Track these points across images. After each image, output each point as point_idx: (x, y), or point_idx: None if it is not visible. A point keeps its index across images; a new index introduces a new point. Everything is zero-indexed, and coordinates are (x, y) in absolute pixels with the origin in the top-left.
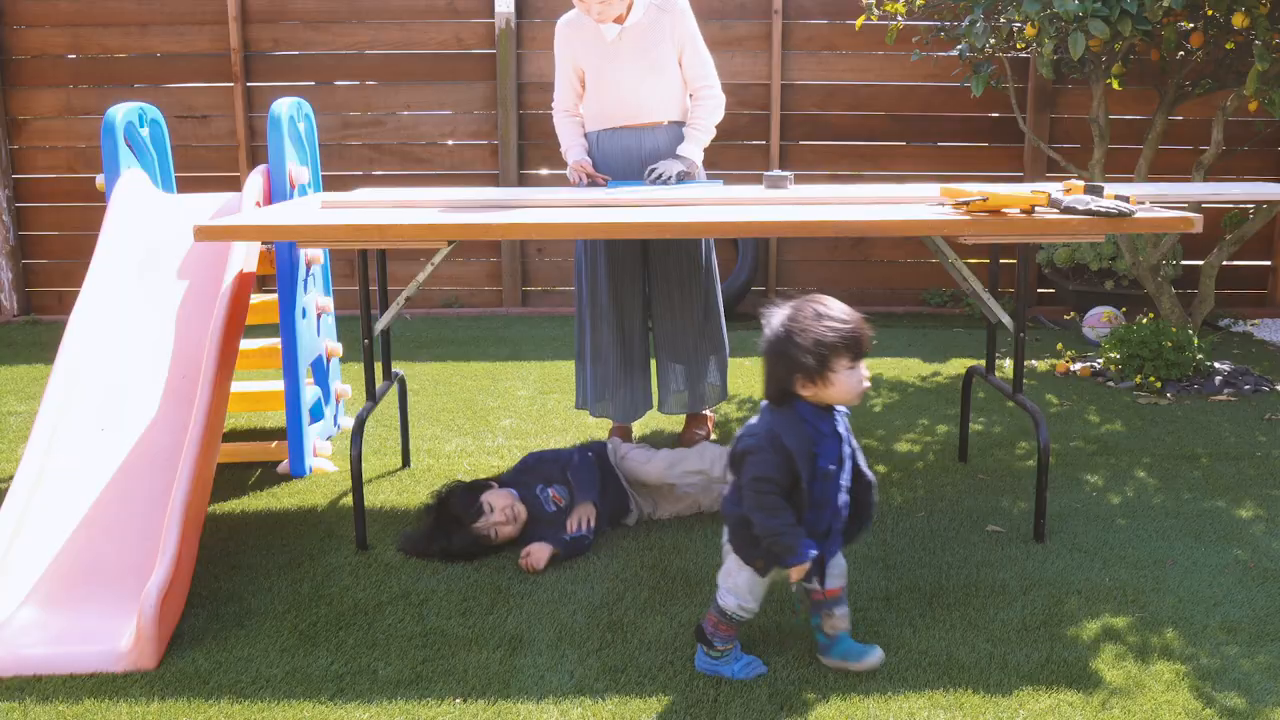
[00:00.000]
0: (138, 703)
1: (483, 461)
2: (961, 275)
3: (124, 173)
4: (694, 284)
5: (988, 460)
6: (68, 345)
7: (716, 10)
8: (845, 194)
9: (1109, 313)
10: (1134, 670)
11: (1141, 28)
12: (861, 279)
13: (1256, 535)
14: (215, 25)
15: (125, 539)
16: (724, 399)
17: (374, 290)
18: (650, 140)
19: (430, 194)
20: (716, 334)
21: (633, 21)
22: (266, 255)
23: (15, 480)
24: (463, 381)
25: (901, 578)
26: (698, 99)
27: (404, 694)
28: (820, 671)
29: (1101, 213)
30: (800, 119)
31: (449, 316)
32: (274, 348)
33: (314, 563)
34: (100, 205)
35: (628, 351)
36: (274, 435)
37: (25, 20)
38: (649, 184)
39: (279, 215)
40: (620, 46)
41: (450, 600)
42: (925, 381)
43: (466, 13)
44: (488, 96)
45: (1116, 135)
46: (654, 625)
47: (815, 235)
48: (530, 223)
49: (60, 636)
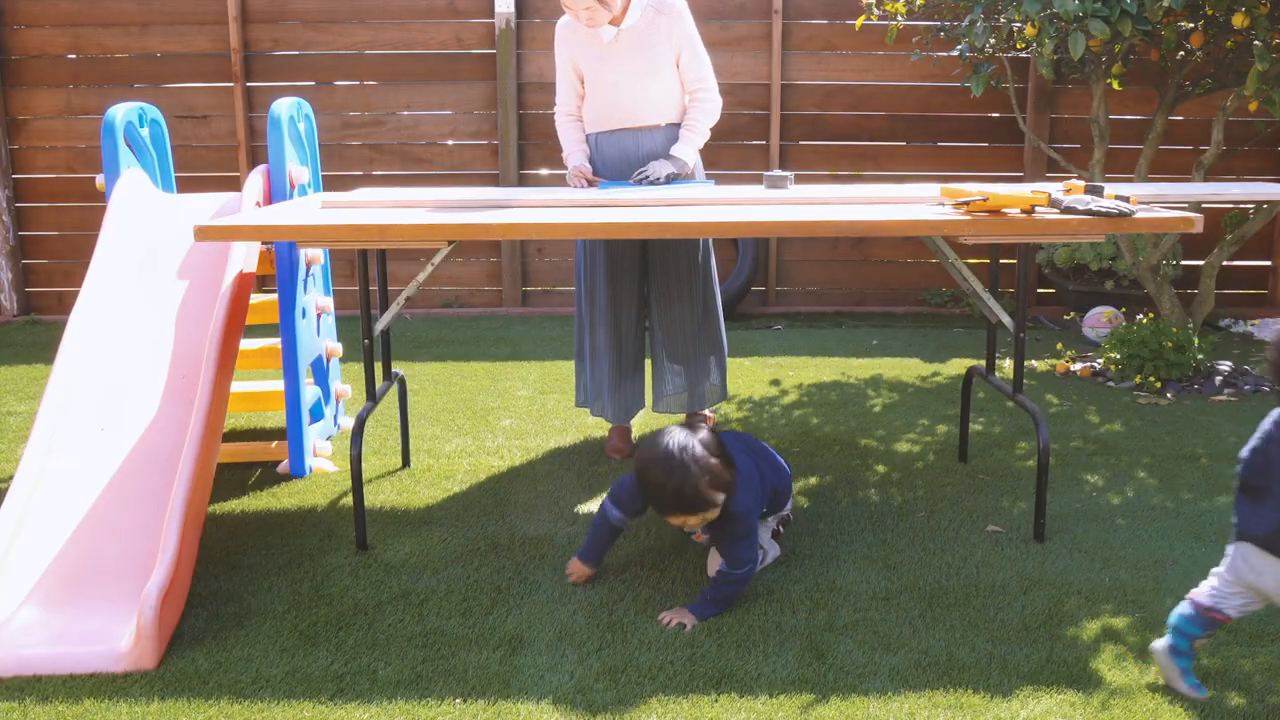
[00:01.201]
0: (138, 703)
1: (483, 461)
2: (961, 275)
3: (124, 173)
4: (693, 284)
5: (988, 460)
6: (68, 345)
7: (716, 10)
8: (845, 194)
9: (1109, 313)
10: (1134, 670)
11: (1141, 28)
12: (861, 279)
13: None
14: (215, 25)
15: (125, 539)
16: (724, 399)
17: (374, 290)
18: (648, 142)
19: (430, 194)
20: (715, 334)
21: (629, 23)
22: (266, 255)
23: (15, 480)
24: (463, 381)
25: (901, 578)
26: (694, 101)
27: (404, 694)
28: (820, 671)
29: (1101, 213)
30: (800, 119)
31: (449, 316)
32: (274, 348)
33: (314, 563)
34: (100, 205)
35: (625, 352)
36: (274, 435)
37: (25, 20)
38: (636, 184)
39: (279, 215)
40: (617, 48)
41: (450, 600)
42: (925, 381)
43: (466, 13)
44: (488, 96)
45: (1116, 135)
46: (654, 625)
47: (815, 235)
48: (530, 223)
49: (60, 636)
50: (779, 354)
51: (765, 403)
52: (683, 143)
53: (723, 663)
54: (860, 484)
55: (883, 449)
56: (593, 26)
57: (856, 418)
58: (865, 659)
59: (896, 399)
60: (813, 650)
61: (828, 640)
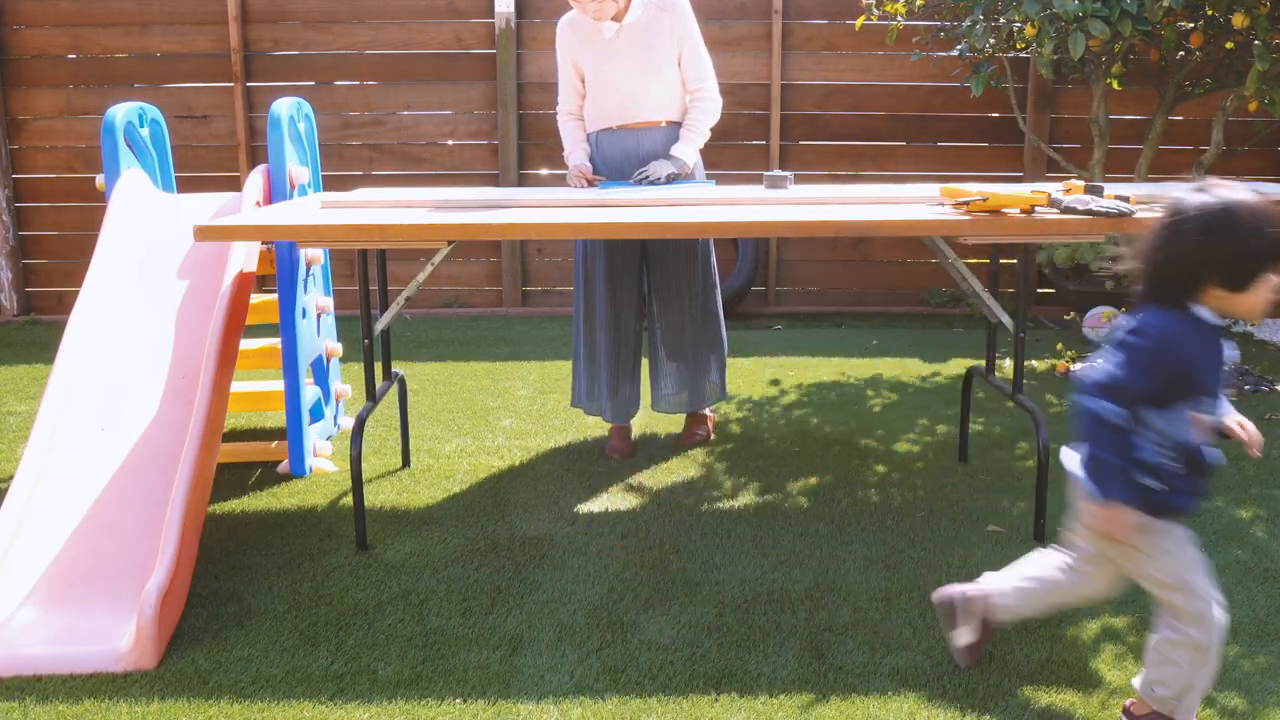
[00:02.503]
0: (138, 703)
1: (483, 461)
2: (961, 275)
3: (124, 173)
4: (693, 284)
5: (988, 460)
6: (68, 345)
7: (716, 10)
8: (845, 194)
9: (1109, 313)
10: (1134, 670)
11: (1141, 28)
12: (861, 279)
13: (1256, 535)
14: (215, 25)
15: (125, 539)
16: (723, 398)
17: (374, 290)
18: (648, 141)
19: (430, 194)
20: (715, 333)
21: (630, 20)
22: (266, 255)
23: (15, 480)
24: (463, 381)
25: (901, 578)
26: (694, 101)
27: (404, 694)
28: (820, 671)
29: (1101, 213)
30: (800, 119)
31: (449, 316)
32: (274, 348)
33: (314, 563)
34: (100, 205)
35: (623, 351)
36: (274, 435)
37: (25, 20)
38: (636, 184)
39: (279, 215)
40: (618, 45)
41: (450, 600)
42: (925, 381)
43: (466, 13)
44: (488, 96)
45: (1116, 135)
46: (654, 625)
47: (815, 235)
48: (530, 223)
49: (60, 636)
50: (779, 354)
51: (765, 403)
52: (683, 143)
53: (723, 663)
54: (860, 484)
55: (882, 449)
56: (600, 19)
57: (856, 418)
58: (865, 659)
59: (896, 399)
60: (813, 650)
61: (828, 640)
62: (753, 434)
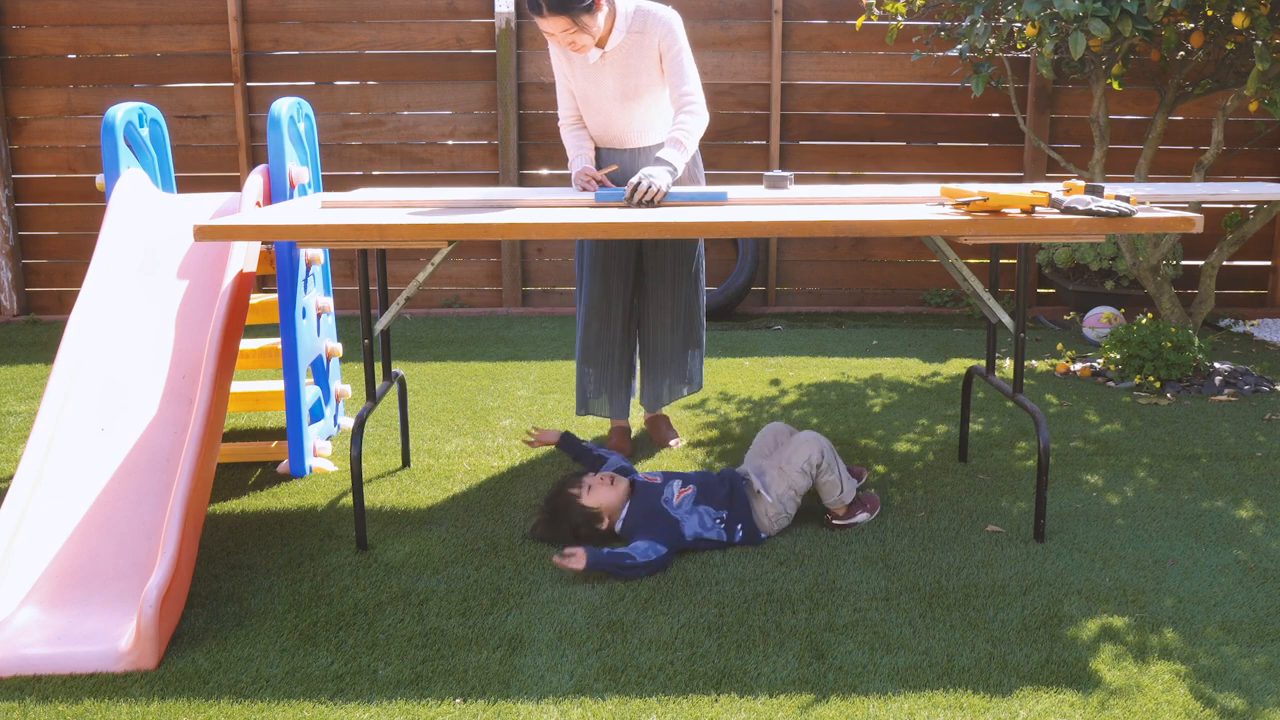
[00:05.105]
0: (138, 703)
1: (483, 461)
2: (961, 275)
3: (124, 173)
4: (683, 285)
5: (988, 460)
6: (68, 345)
7: (716, 10)
8: (845, 194)
9: (1109, 313)
10: (1134, 670)
11: (1142, 28)
12: (861, 279)
13: (1256, 535)
14: (215, 25)
15: (125, 539)
16: (699, 389)
17: (374, 290)
18: (643, 163)
19: (430, 194)
20: (696, 331)
21: (613, 45)
22: (266, 255)
23: (15, 480)
24: (463, 381)
25: (901, 578)
26: (679, 111)
27: (404, 694)
28: (820, 671)
29: (1101, 213)
30: (800, 119)
31: (449, 316)
32: (274, 348)
33: (314, 563)
34: (100, 205)
35: (620, 350)
36: (274, 435)
37: (25, 20)
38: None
39: (279, 215)
40: (603, 69)
41: (450, 600)
42: (925, 381)
43: (466, 13)
44: (488, 96)
45: (1116, 135)
46: (654, 625)
47: (815, 235)
48: (530, 223)
49: (60, 636)
50: (779, 354)
51: (765, 403)
52: (671, 147)
53: (723, 663)
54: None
55: (882, 449)
56: (581, 52)
57: (856, 418)
58: (865, 659)
59: (896, 399)
60: (813, 650)
61: (828, 640)
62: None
